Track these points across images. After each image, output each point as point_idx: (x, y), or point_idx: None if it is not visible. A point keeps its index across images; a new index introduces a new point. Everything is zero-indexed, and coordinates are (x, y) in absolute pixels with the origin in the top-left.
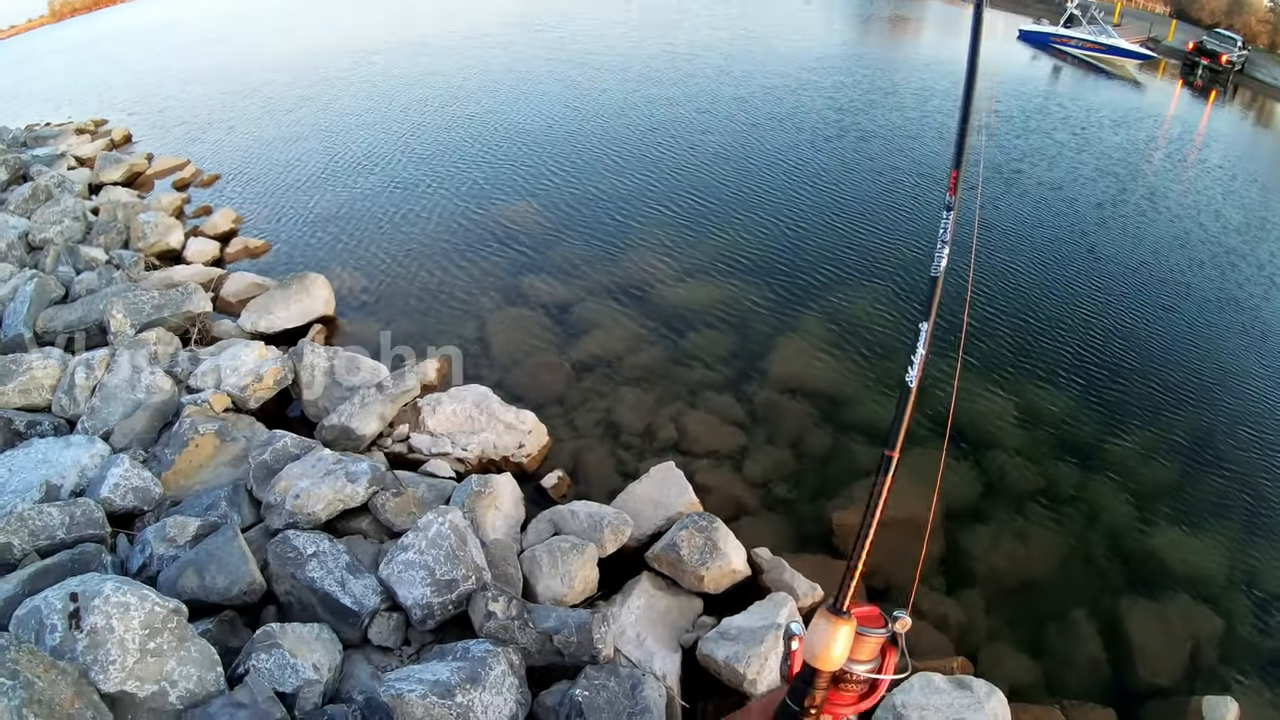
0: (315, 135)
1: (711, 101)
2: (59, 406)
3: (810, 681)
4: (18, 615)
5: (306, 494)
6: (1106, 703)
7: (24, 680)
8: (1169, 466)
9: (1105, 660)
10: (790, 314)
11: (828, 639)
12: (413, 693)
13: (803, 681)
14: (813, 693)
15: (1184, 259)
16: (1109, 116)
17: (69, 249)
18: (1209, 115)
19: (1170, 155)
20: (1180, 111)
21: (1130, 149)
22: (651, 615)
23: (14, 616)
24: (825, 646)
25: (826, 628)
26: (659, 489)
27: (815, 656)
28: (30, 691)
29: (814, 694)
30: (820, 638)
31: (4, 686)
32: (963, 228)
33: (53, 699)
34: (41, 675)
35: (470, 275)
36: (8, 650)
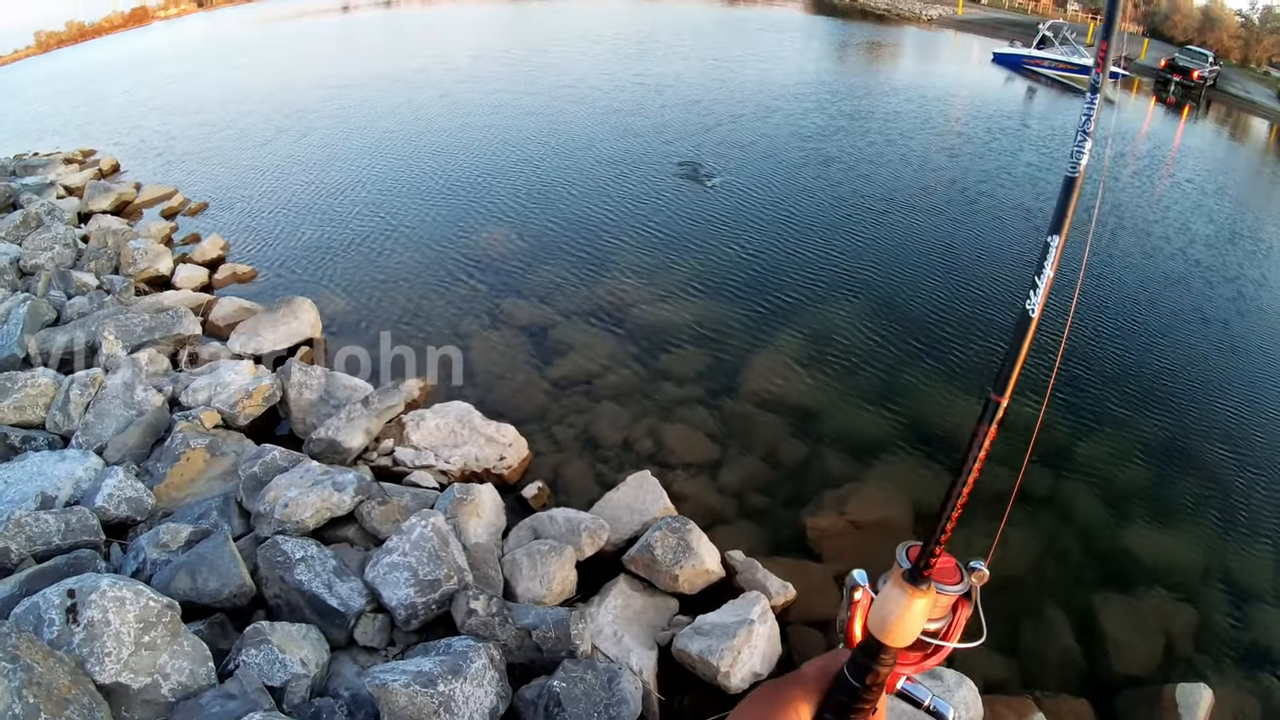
0: (299, 165)
1: (680, 130)
2: (53, 423)
3: (875, 656)
4: (16, 612)
5: (295, 503)
6: (1080, 694)
7: (24, 664)
8: (1141, 466)
9: (1079, 653)
10: (763, 331)
11: (901, 612)
12: (396, 682)
13: (866, 655)
14: (877, 669)
15: (1155, 268)
16: None
17: (60, 274)
18: (1183, 130)
19: (1143, 170)
20: (1154, 128)
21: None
22: (628, 614)
23: (12, 615)
24: (898, 621)
25: (901, 599)
26: (635, 496)
27: (885, 631)
28: (30, 674)
29: (878, 671)
30: (892, 610)
31: (5, 669)
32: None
33: (51, 683)
34: (40, 661)
35: (451, 298)
36: (9, 637)
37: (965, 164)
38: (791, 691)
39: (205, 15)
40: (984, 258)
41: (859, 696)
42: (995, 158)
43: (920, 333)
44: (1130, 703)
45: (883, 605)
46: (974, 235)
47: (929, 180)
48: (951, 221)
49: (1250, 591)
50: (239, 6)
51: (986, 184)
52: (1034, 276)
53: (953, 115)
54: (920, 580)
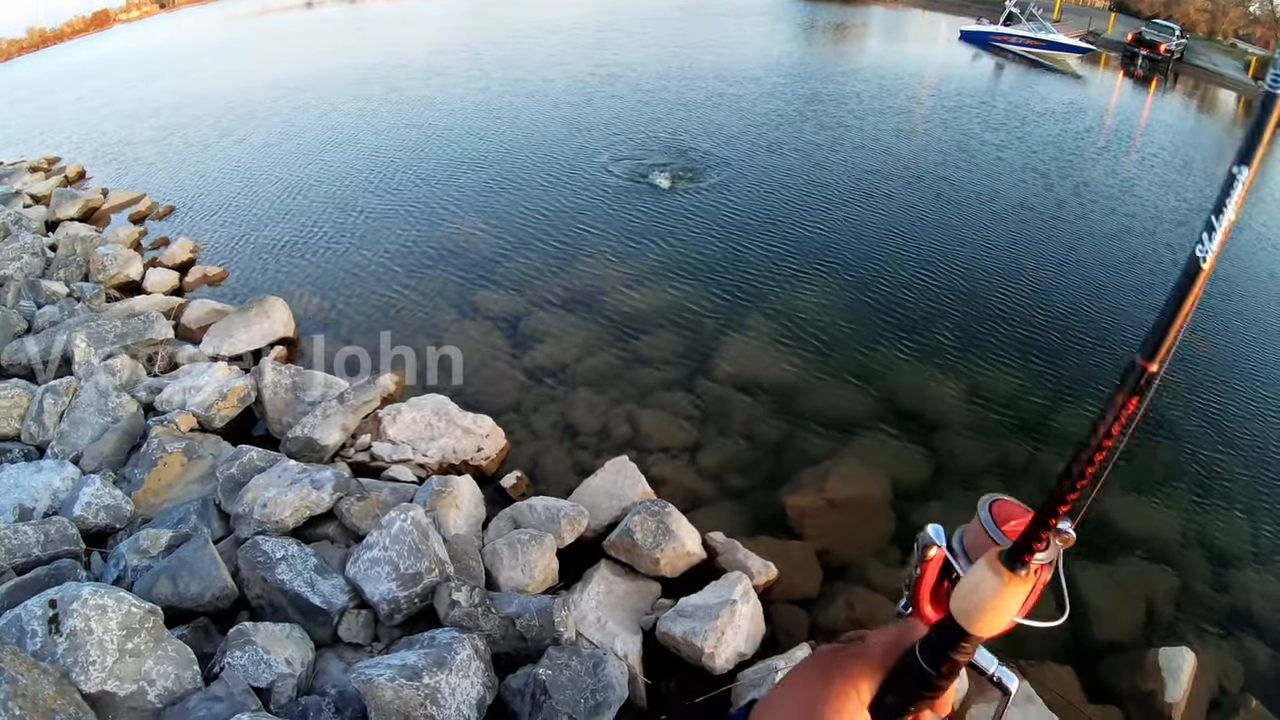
0: (266, 164)
1: (642, 118)
2: (28, 434)
3: (955, 644)
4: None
5: (274, 502)
6: (1064, 661)
7: (8, 676)
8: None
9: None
10: (736, 313)
11: (995, 600)
12: (381, 677)
13: (944, 641)
14: (955, 658)
15: (1129, 240)
16: (1050, 110)
17: (30, 284)
18: (1150, 104)
19: (1113, 144)
20: (1122, 101)
21: (1071, 141)
22: (611, 600)
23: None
24: (990, 609)
25: (996, 585)
26: (613, 481)
27: (972, 620)
28: (14, 687)
29: (955, 660)
30: (985, 596)
31: None
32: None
33: (36, 695)
34: (25, 674)
35: (425, 291)
36: None
37: (931, 143)
38: (853, 665)
39: (168, 16)
40: (948, 235)
41: (930, 684)
42: (960, 136)
43: (890, 311)
44: (1114, 668)
45: (973, 589)
46: (938, 213)
47: (894, 160)
48: (917, 200)
49: (1228, 555)
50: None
51: (951, 163)
52: (1210, 217)
53: (918, 95)
54: (1021, 565)
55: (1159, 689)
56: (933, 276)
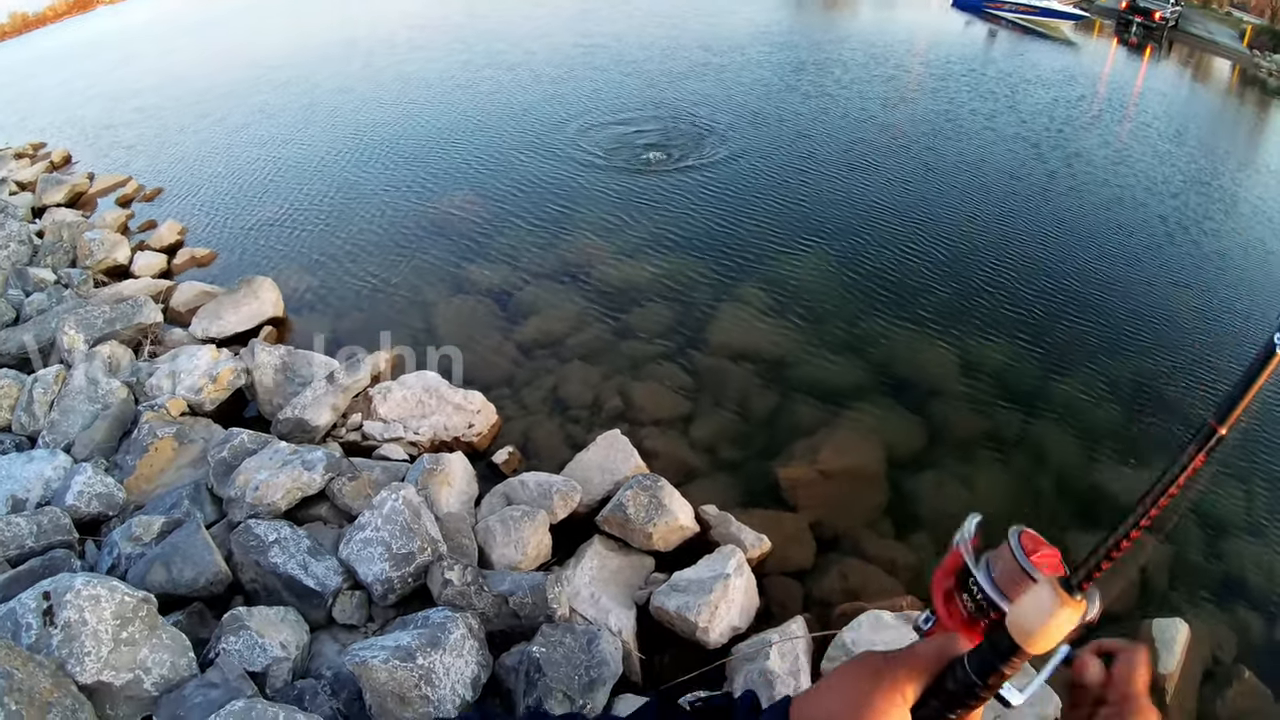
0: (253, 143)
1: (628, 89)
2: (19, 424)
3: (1007, 657)
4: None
5: (265, 485)
6: None
7: (3, 671)
8: (1112, 405)
9: None
10: (729, 283)
11: (1050, 620)
12: (375, 658)
13: (996, 654)
14: (1003, 671)
15: (1121, 211)
16: (1042, 78)
17: (17, 272)
18: (1144, 72)
19: (1105, 112)
20: (1115, 70)
21: (1064, 110)
22: (604, 575)
23: None
24: (1045, 629)
25: (1052, 605)
26: (606, 455)
27: (1028, 636)
28: (10, 681)
29: (1004, 673)
30: (1041, 615)
31: None
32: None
33: (32, 688)
34: (20, 667)
35: (414, 267)
36: None
37: (919, 112)
38: (901, 668)
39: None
40: (937, 205)
41: (974, 693)
42: (950, 105)
43: (881, 280)
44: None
45: (1032, 608)
46: (927, 183)
47: (882, 130)
48: (906, 170)
49: (1221, 522)
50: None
51: (940, 132)
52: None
53: (907, 63)
54: (1076, 591)
55: (1152, 660)
56: (923, 247)
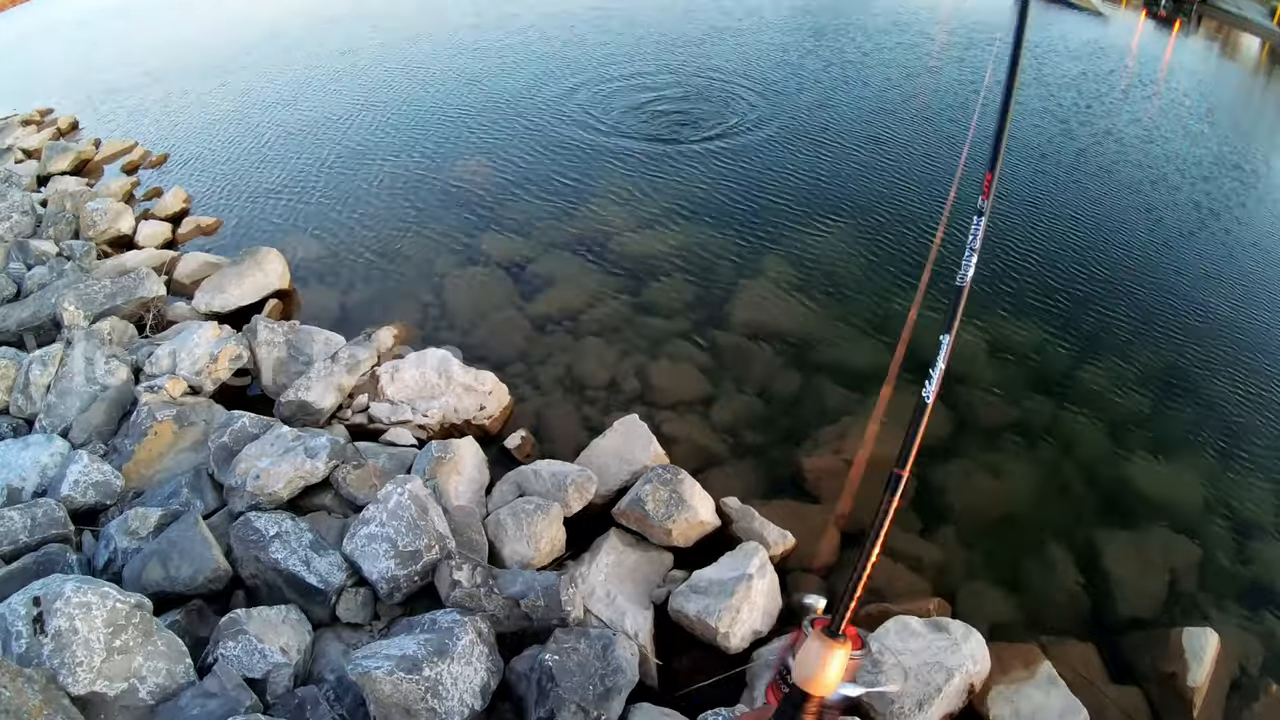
0: (262, 108)
1: (647, 53)
2: (16, 407)
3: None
4: None
5: (267, 473)
6: (1086, 638)
7: None
8: (1142, 396)
9: (1084, 594)
10: (752, 257)
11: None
12: (379, 669)
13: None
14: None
15: (1150, 190)
16: (1070, 50)
17: (19, 244)
18: (1172, 46)
19: (1134, 88)
20: (1144, 43)
21: (1092, 84)
22: (620, 572)
23: None
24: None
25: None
26: (623, 443)
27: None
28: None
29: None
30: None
31: None
32: None
33: (20, 709)
34: (8, 686)
35: (425, 237)
36: None
37: (944, 83)
38: None
39: None
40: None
41: None
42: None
43: (907, 258)
44: (1136, 646)
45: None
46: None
47: (906, 100)
48: (930, 143)
49: (1252, 526)
50: None
51: (966, 104)
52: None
53: (931, 31)
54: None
55: (1181, 671)
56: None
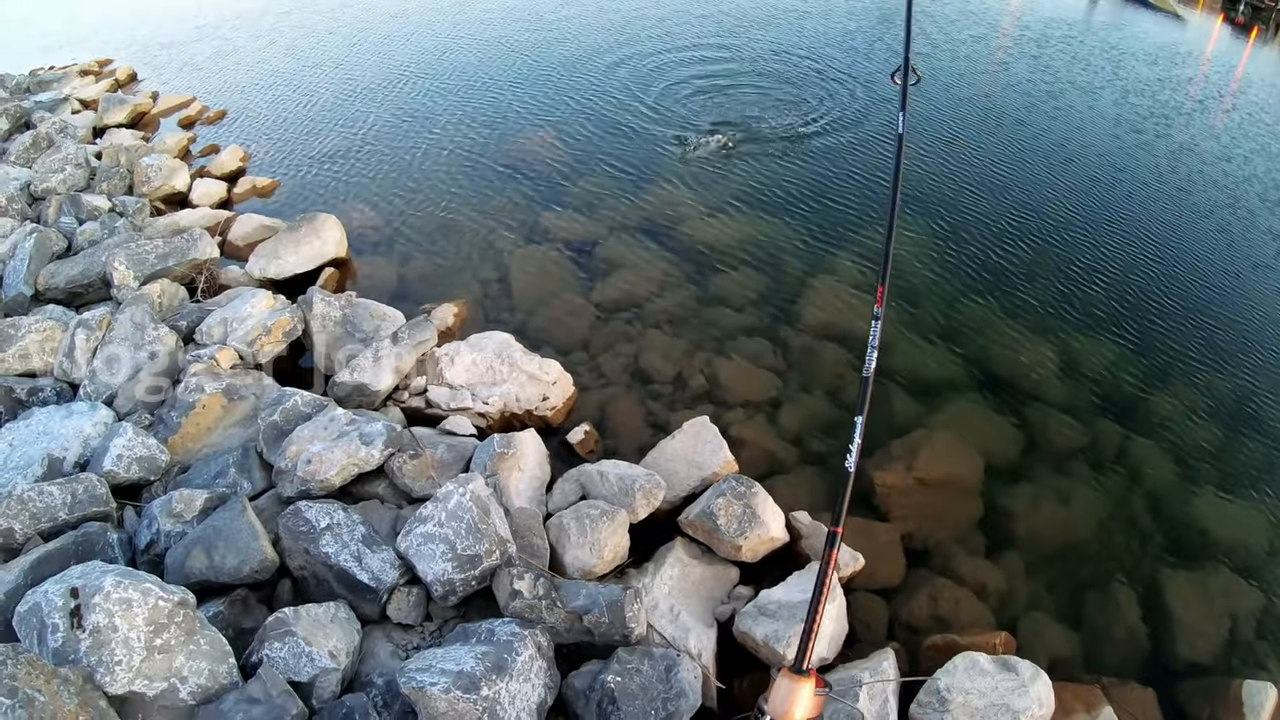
0: (325, 67)
1: (742, 29)
2: (60, 370)
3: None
4: (19, 613)
5: (319, 459)
6: (1145, 681)
7: (23, 698)
8: (1217, 429)
9: (1145, 634)
10: (823, 254)
11: (793, 697)
12: (434, 686)
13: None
14: None
15: (1227, 213)
16: (1144, 53)
17: (71, 198)
18: (1248, 55)
19: (1210, 99)
20: (1219, 50)
21: (1170, 90)
22: (685, 586)
23: (16, 613)
24: (790, 704)
25: (790, 686)
26: (692, 446)
27: (781, 714)
28: (31, 709)
29: None
30: (785, 696)
31: (3, 705)
32: None
33: (55, 713)
34: (43, 688)
35: (488, 211)
36: (5, 665)
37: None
38: None
39: None
40: (1041, 189)
41: None
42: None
43: (982, 265)
44: (1194, 695)
45: (776, 694)
46: (1029, 162)
47: (976, 97)
48: (1004, 144)
49: None
50: None
51: (1038, 106)
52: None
53: (1001, 23)
54: (803, 671)
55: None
56: (1023, 231)
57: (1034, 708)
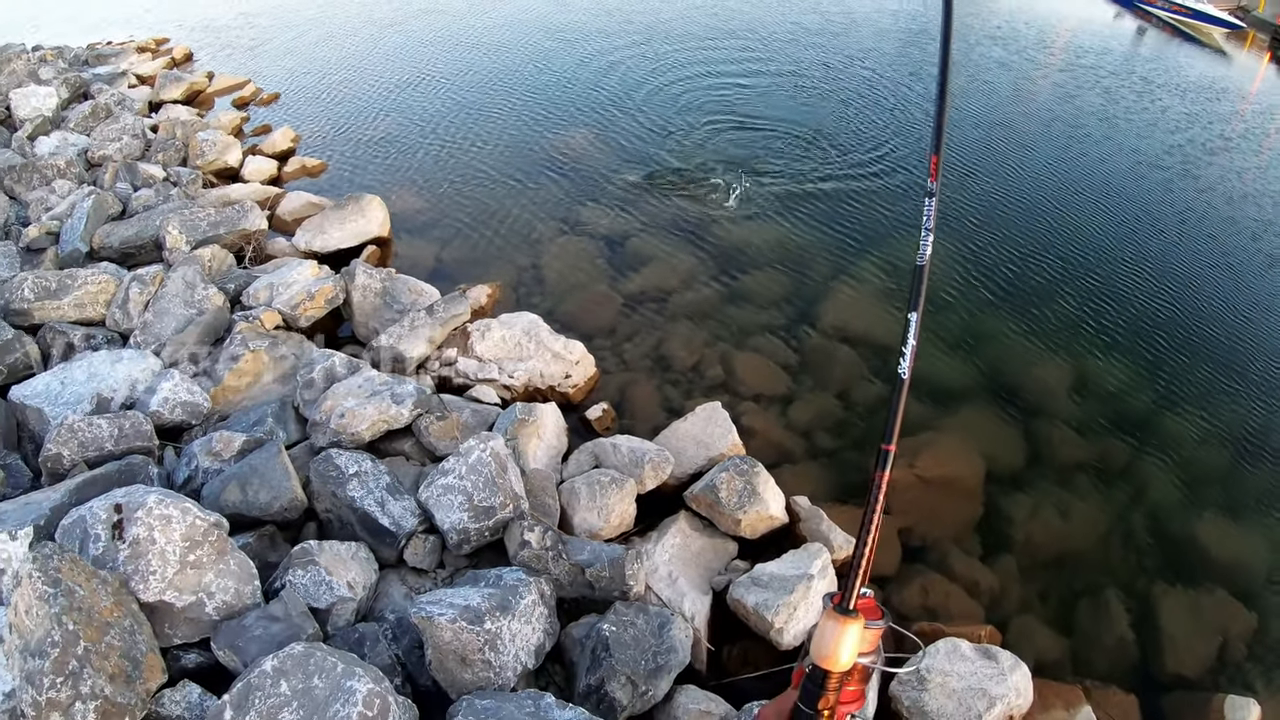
0: (376, 57)
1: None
2: (113, 321)
3: (821, 684)
4: (64, 524)
5: (351, 414)
6: (1129, 688)
7: (65, 588)
8: (1223, 455)
9: (1133, 644)
10: (847, 260)
11: (836, 639)
12: (442, 616)
13: (813, 684)
14: (825, 694)
15: (1259, 248)
16: (1188, 85)
17: (127, 166)
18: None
19: (1248, 137)
20: (1265, 87)
21: (1204, 122)
22: (685, 555)
23: (60, 525)
24: (835, 647)
25: (835, 628)
26: (703, 428)
27: (824, 658)
28: (71, 599)
29: (826, 695)
30: (829, 639)
31: (46, 594)
32: None
33: (92, 607)
34: (83, 584)
35: (525, 203)
36: (51, 559)
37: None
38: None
39: None
40: (1071, 209)
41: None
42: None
43: (1002, 279)
44: (1177, 706)
45: (820, 635)
46: (1060, 182)
47: (1014, 113)
48: (1037, 162)
49: None
50: None
51: (1080, 129)
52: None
53: (1050, 48)
54: (849, 611)
55: None
56: (1047, 249)
57: (1011, 696)
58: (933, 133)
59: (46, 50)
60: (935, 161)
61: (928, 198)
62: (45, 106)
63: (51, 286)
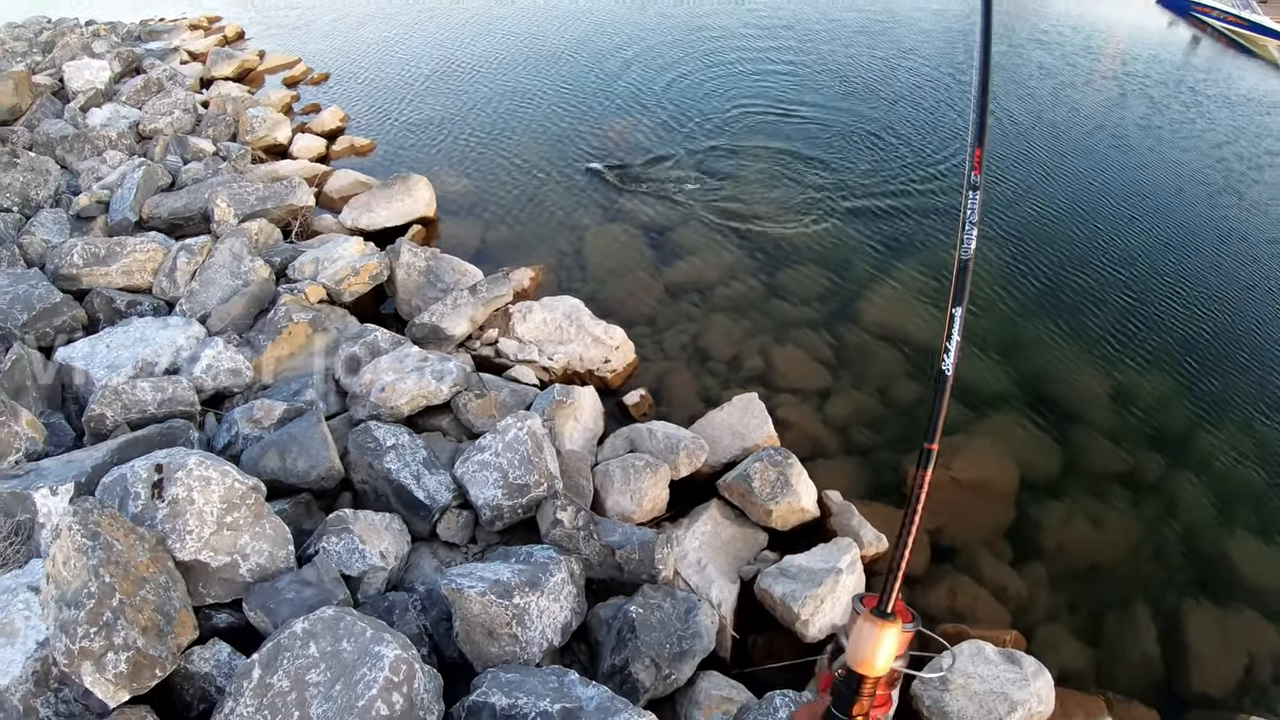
0: (423, 41)
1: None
2: (159, 288)
3: (857, 689)
4: (104, 482)
5: (391, 388)
6: (1151, 703)
7: (104, 541)
8: (1258, 475)
9: (1158, 659)
10: (889, 259)
11: (875, 643)
12: (473, 589)
13: (848, 689)
14: (860, 699)
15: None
16: (1240, 98)
17: (178, 139)
18: None
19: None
20: None
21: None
22: (715, 543)
23: (101, 483)
24: (872, 652)
25: (873, 632)
26: (739, 418)
27: (861, 662)
28: (109, 553)
29: (861, 700)
30: (868, 643)
31: (85, 546)
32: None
33: (129, 561)
34: (121, 539)
35: (572, 188)
36: (91, 513)
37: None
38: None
39: None
40: (1120, 218)
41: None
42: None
43: (1046, 286)
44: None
45: (857, 639)
46: (1111, 191)
47: (1067, 120)
48: (1087, 170)
49: None
50: None
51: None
52: (944, 343)
53: (1102, 54)
54: (887, 615)
55: None
56: (1088, 257)
57: (1032, 702)
58: (975, 125)
59: (100, 25)
60: (979, 154)
61: (971, 191)
62: (98, 79)
63: (100, 253)
